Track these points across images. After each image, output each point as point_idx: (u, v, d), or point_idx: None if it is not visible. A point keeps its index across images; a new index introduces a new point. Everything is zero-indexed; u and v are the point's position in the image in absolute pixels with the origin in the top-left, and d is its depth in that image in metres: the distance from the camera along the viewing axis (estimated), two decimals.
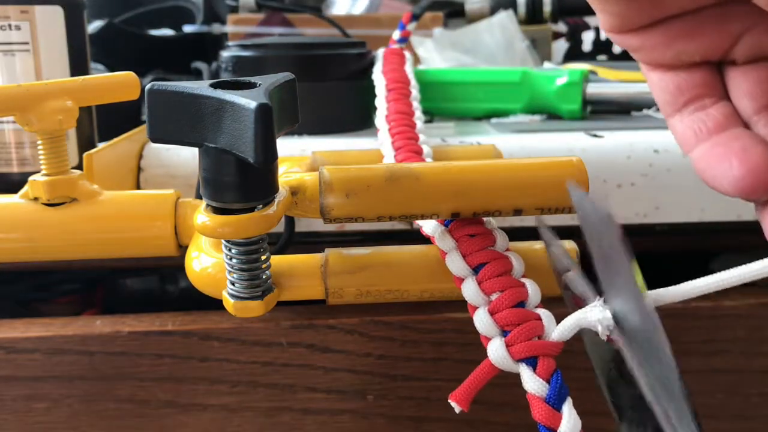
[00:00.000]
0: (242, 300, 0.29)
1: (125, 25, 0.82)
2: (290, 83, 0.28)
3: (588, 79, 0.59)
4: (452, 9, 0.91)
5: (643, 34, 0.25)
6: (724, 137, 0.24)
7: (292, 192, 0.30)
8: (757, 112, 0.24)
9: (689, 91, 0.25)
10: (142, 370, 0.37)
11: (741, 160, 0.22)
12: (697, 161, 0.24)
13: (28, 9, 0.43)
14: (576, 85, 0.58)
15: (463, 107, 0.61)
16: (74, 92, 0.37)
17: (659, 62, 0.25)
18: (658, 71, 0.26)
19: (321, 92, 0.55)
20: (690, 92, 0.25)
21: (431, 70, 0.62)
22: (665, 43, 0.24)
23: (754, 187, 0.22)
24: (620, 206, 0.47)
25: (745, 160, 0.22)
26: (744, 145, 0.23)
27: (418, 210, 0.30)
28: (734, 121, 0.24)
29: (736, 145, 0.23)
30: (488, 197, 0.30)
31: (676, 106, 0.25)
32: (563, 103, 0.59)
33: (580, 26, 0.99)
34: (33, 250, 0.37)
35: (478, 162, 0.31)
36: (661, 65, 0.26)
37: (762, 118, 0.24)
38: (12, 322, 0.40)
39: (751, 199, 0.23)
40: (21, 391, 0.38)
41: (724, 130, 0.24)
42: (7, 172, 0.45)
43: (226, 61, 0.57)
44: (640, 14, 0.24)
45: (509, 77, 0.61)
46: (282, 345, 0.37)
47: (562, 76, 0.59)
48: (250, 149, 0.24)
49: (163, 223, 0.37)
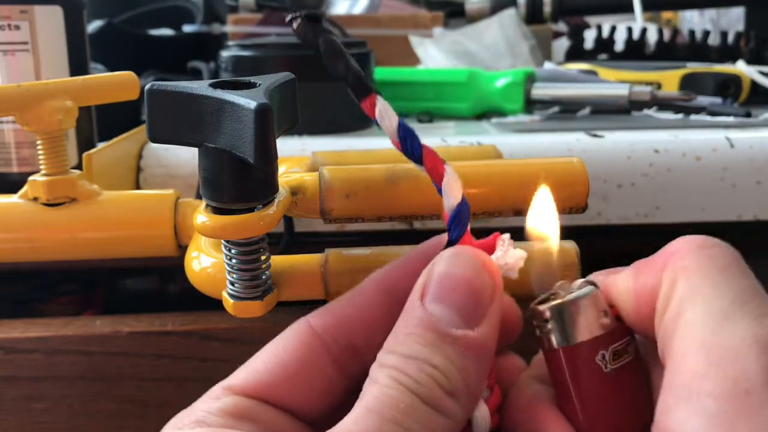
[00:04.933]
0: (242, 300, 0.29)
1: (125, 25, 0.82)
2: (290, 83, 0.28)
3: (533, 79, 0.62)
4: (452, 9, 0.91)
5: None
6: None
7: (292, 192, 0.30)
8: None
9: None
10: (141, 371, 0.37)
11: None
12: None
13: (27, 9, 0.43)
14: (518, 86, 0.61)
15: (412, 106, 0.63)
16: (74, 92, 0.37)
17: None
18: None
19: (321, 92, 0.55)
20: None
21: (379, 69, 0.63)
22: None
23: None
24: (620, 206, 0.47)
25: None
26: None
27: (418, 210, 0.30)
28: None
29: None
30: (488, 197, 0.30)
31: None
32: (506, 102, 0.61)
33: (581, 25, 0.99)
34: (32, 250, 0.37)
35: (478, 162, 0.31)
36: None
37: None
38: (12, 322, 0.40)
39: None
40: (21, 391, 0.38)
41: None
42: (6, 172, 0.45)
43: (225, 61, 0.57)
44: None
45: (456, 77, 0.63)
46: None
47: (506, 76, 0.61)
48: (250, 149, 0.24)
49: (163, 224, 0.37)
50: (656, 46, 0.83)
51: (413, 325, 0.22)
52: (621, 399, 0.23)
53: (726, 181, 0.46)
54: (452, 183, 0.25)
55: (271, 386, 0.24)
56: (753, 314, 0.20)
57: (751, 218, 0.46)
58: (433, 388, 0.21)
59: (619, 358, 0.23)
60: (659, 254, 0.23)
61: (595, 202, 0.47)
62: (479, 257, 0.23)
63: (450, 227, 0.24)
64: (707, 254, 0.22)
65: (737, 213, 0.46)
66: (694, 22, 1.19)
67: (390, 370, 0.21)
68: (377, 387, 0.21)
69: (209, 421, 0.23)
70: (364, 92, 0.25)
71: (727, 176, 0.47)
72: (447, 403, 0.21)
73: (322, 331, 0.25)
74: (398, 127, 0.25)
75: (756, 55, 0.77)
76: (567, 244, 0.31)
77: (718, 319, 0.20)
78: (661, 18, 1.32)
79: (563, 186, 0.29)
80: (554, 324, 0.23)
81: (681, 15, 1.27)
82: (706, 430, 0.19)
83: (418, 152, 0.25)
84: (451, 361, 0.21)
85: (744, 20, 0.99)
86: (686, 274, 0.21)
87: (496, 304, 0.23)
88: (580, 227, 0.47)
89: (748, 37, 0.80)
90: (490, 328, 0.22)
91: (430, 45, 0.74)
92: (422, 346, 0.21)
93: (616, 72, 0.69)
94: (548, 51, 0.85)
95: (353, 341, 0.25)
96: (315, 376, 0.24)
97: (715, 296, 0.21)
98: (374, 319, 0.25)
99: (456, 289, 0.22)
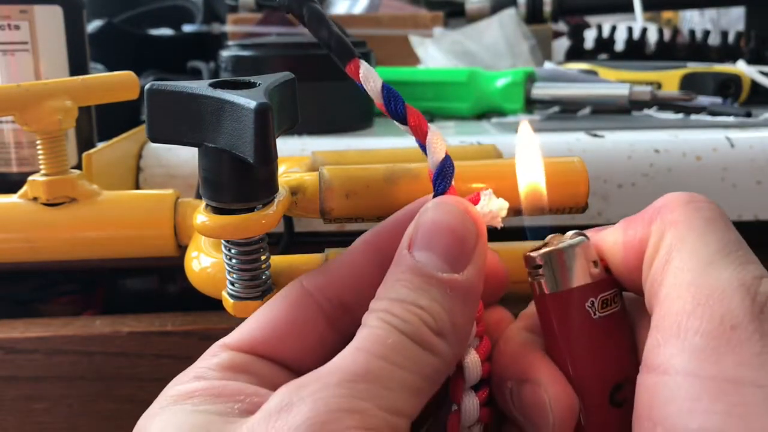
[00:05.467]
0: (242, 300, 0.29)
1: (125, 25, 0.82)
2: (290, 83, 0.28)
3: (533, 79, 0.62)
4: (452, 9, 0.91)
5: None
6: None
7: (292, 192, 0.30)
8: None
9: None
10: (141, 371, 0.37)
11: None
12: None
13: (27, 9, 0.43)
14: (518, 86, 0.61)
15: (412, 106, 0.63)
16: (73, 92, 0.37)
17: None
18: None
19: (321, 92, 0.55)
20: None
21: (379, 69, 0.64)
22: None
23: None
24: (621, 206, 0.47)
25: None
26: None
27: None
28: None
29: None
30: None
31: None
32: (506, 102, 0.61)
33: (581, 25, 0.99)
34: (32, 250, 0.37)
35: (478, 162, 0.31)
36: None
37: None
38: (12, 322, 0.40)
39: None
40: (21, 391, 0.38)
41: None
42: (6, 171, 0.45)
43: (225, 61, 0.57)
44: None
45: (456, 77, 0.63)
46: None
47: (506, 76, 0.61)
48: (250, 149, 0.24)
49: (163, 224, 0.37)
50: (656, 46, 0.83)
51: (401, 272, 0.23)
52: (607, 346, 0.24)
53: (726, 181, 0.46)
54: (435, 140, 0.25)
55: (265, 342, 0.25)
56: (737, 261, 0.21)
57: (752, 218, 0.46)
58: (420, 326, 0.22)
59: (606, 307, 0.24)
60: (647, 209, 0.24)
61: (595, 202, 0.46)
62: (462, 205, 0.24)
63: (435, 182, 0.25)
64: (694, 207, 0.23)
65: (737, 213, 0.46)
66: (694, 22, 1.19)
67: (379, 312, 0.22)
68: (366, 328, 0.22)
69: (207, 375, 0.24)
70: (347, 56, 0.25)
71: (728, 176, 0.47)
72: (434, 341, 0.22)
73: (314, 290, 0.26)
74: (382, 88, 0.25)
75: (756, 55, 0.77)
76: None
77: (704, 264, 0.21)
78: (662, 18, 1.32)
79: (563, 186, 0.29)
80: (546, 270, 0.24)
81: (681, 15, 1.27)
82: (694, 364, 0.20)
83: (402, 112, 0.25)
84: (438, 303, 0.22)
85: (744, 20, 0.99)
86: (674, 225, 0.22)
87: (480, 249, 0.24)
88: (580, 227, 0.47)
89: (749, 37, 0.80)
90: (475, 272, 0.23)
91: (430, 45, 0.74)
92: (409, 290, 0.22)
93: (617, 72, 0.69)
94: (548, 51, 0.85)
95: (344, 298, 0.26)
96: (308, 332, 0.25)
97: (701, 245, 0.22)
98: (364, 277, 0.26)
99: (441, 236, 0.23)
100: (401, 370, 0.21)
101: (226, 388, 0.23)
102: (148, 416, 0.23)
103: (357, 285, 0.26)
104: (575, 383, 0.24)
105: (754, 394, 0.19)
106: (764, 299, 0.20)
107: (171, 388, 0.23)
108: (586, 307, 0.24)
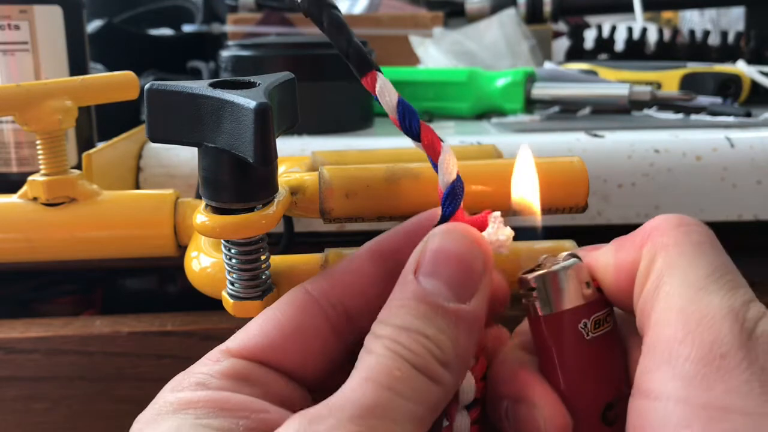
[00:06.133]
0: (242, 300, 0.29)
1: (124, 25, 0.82)
2: (290, 83, 0.28)
3: (533, 79, 0.62)
4: (452, 9, 0.91)
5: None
6: None
7: (292, 192, 0.30)
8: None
9: None
10: (141, 371, 0.37)
11: None
12: None
13: (27, 9, 0.43)
14: (518, 86, 0.61)
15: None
16: (73, 92, 0.37)
17: None
18: None
19: (321, 92, 0.55)
20: None
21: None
22: None
23: None
24: (621, 206, 0.47)
25: None
26: None
27: (418, 210, 0.30)
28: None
29: None
30: (488, 197, 0.30)
31: None
32: (506, 102, 0.61)
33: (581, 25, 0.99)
34: (32, 250, 0.37)
35: (478, 162, 0.31)
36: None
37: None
38: (12, 322, 0.40)
39: None
40: (21, 391, 0.38)
41: None
42: (6, 171, 0.45)
43: (225, 61, 0.57)
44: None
45: (456, 77, 0.63)
46: None
47: (506, 76, 0.61)
48: (250, 149, 0.24)
49: (163, 224, 0.37)
50: (656, 46, 0.83)
51: (406, 298, 0.23)
52: (600, 366, 0.24)
53: (726, 181, 0.46)
54: (448, 160, 0.25)
55: (268, 348, 0.24)
56: (727, 287, 0.21)
57: (751, 218, 0.46)
58: (427, 358, 0.22)
59: (599, 327, 0.24)
60: (638, 231, 0.24)
61: (595, 202, 0.46)
62: (471, 234, 0.24)
63: (444, 203, 0.25)
64: (684, 231, 0.23)
65: (737, 213, 0.46)
66: (694, 22, 1.19)
67: (385, 340, 0.22)
68: (373, 356, 0.22)
69: (210, 383, 0.23)
70: (365, 68, 0.25)
71: (728, 176, 0.47)
72: (440, 372, 0.22)
73: (318, 295, 0.26)
74: (398, 103, 0.25)
75: (756, 55, 0.77)
76: (567, 243, 0.31)
77: (694, 290, 0.21)
78: (661, 18, 1.32)
79: (563, 186, 0.29)
80: (539, 292, 0.24)
81: (681, 15, 1.27)
82: (686, 391, 0.20)
83: (417, 129, 0.25)
84: (444, 333, 0.22)
85: (744, 20, 0.99)
86: (665, 249, 0.23)
87: (487, 279, 0.24)
88: (580, 227, 0.47)
89: (749, 37, 0.80)
90: (480, 302, 0.23)
91: (430, 45, 0.74)
92: (414, 317, 0.22)
93: (616, 72, 0.69)
94: (548, 51, 0.85)
95: (348, 306, 0.26)
96: (312, 338, 0.25)
97: (691, 270, 0.22)
98: (368, 286, 0.26)
99: (448, 264, 0.23)
100: (408, 402, 0.21)
101: (231, 401, 0.22)
102: (145, 421, 0.22)
103: (362, 293, 0.26)
104: (568, 402, 0.24)
105: (743, 422, 0.19)
106: (752, 325, 0.21)
107: (170, 393, 0.23)
108: (579, 329, 0.24)
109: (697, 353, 0.20)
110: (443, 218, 0.25)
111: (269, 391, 0.24)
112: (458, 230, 0.24)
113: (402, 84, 0.64)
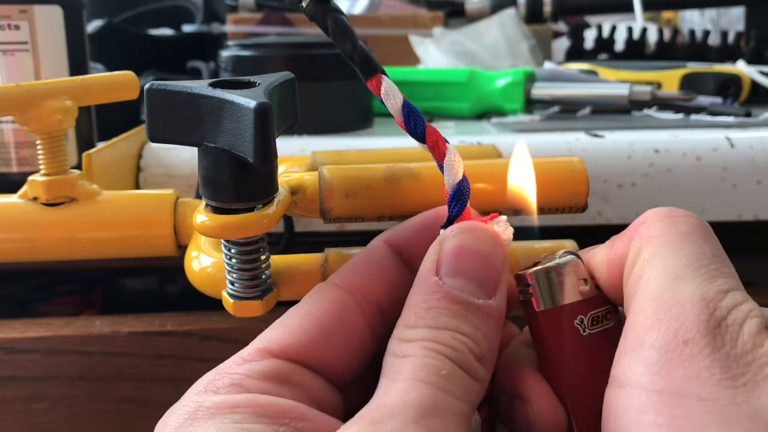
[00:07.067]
0: (242, 300, 0.29)
1: (124, 25, 0.82)
2: (290, 83, 0.28)
3: (533, 79, 0.62)
4: (452, 9, 0.91)
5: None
6: None
7: (292, 192, 0.30)
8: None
9: None
10: (141, 371, 0.37)
11: None
12: None
13: (27, 9, 0.43)
14: (518, 86, 0.61)
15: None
16: (73, 92, 0.37)
17: None
18: None
19: (321, 92, 0.55)
20: None
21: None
22: None
23: None
24: (620, 206, 0.47)
25: None
26: None
27: (418, 209, 0.30)
28: None
29: None
30: (488, 197, 0.30)
31: None
32: (506, 102, 0.61)
33: (581, 25, 0.99)
34: (32, 250, 0.37)
35: (478, 162, 0.31)
36: None
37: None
38: (12, 322, 0.40)
39: None
40: (21, 391, 0.38)
41: None
42: (6, 172, 0.45)
43: (225, 61, 0.57)
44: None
45: (456, 77, 0.63)
46: None
47: (506, 76, 0.61)
48: (250, 149, 0.24)
49: (163, 223, 0.37)
50: (656, 46, 0.83)
51: (435, 299, 0.23)
52: (597, 363, 0.24)
53: (726, 181, 0.46)
54: (454, 161, 0.25)
55: (309, 348, 0.24)
56: (706, 276, 0.21)
57: (751, 218, 0.46)
58: (467, 355, 0.22)
59: (597, 324, 0.24)
60: (630, 226, 0.24)
61: (595, 202, 0.47)
62: (490, 230, 0.25)
63: (450, 204, 0.25)
64: (670, 222, 0.23)
65: (737, 213, 0.46)
66: (694, 21, 1.19)
67: (422, 342, 0.22)
68: (414, 359, 0.22)
69: (249, 385, 0.22)
70: (370, 71, 0.25)
71: (728, 176, 0.47)
72: (478, 368, 0.22)
73: (351, 288, 0.25)
74: (403, 105, 0.25)
75: (756, 55, 0.77)
76: (567, 243, 0.31)
77: (670, 278, 0.21)
78: (661, 18, 1.31)
79: (563, 186, 0.29)
80: (536, 288, 0.25)
81: (681, 15, 1.27)
82: (646, 378, 0.20)
83: (422, 130, 0.25)
84: (478, 329, 0.23)
85: (744, 20, 0.99)
86: (650, 240, 0.23)
87: (506, 275, 0.24)
88: (580, 227, 0.47)
89: (749, 37, 0.80)
90: (503, 297, 0.24)
91: (430, 45, 0.74)
92: (449, 317, 0.22)
93: (616, 72, 0.69)
94: (548, 51, 0.85)
95: (379, 299, 0.25)
96: (351, 336, 0.25)
97: (672, 259, 0.22)
98: (392, 278, 0.26)
99: (473, 262, 0.23)
100: (458, 400, 0.21)
101: (272, 406, 0.21)
102: (177, 425, 0.21)
103: (388, 286, 0.26)
104: (564, 398, 0.24)
105: (697, 408, 0.19)
106: (724, 313, 0.20)
107: (203, 395, 0.22)
108: (575, 325, 0.24)
109: (662, 340, 0.20)
110: (450, 219, 0.25)
111: (308, 394, 0.23)
112: (479, 228, 0.24)
113: (402, 84, 0.63)
